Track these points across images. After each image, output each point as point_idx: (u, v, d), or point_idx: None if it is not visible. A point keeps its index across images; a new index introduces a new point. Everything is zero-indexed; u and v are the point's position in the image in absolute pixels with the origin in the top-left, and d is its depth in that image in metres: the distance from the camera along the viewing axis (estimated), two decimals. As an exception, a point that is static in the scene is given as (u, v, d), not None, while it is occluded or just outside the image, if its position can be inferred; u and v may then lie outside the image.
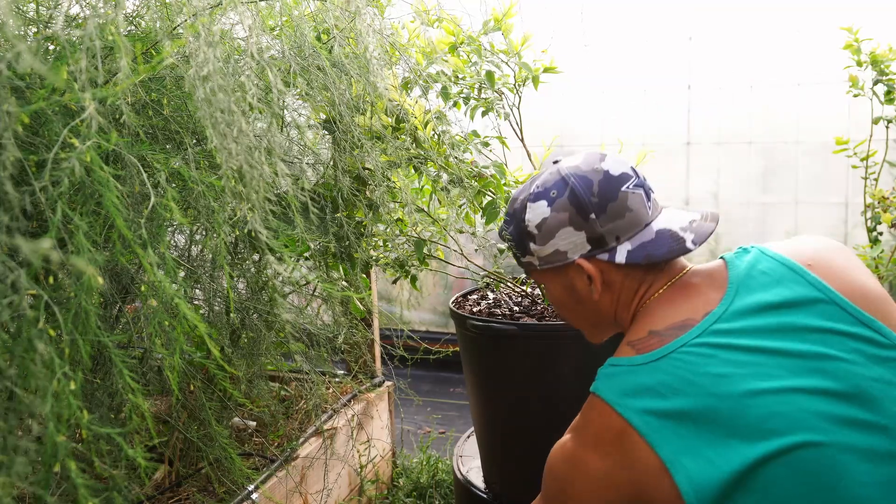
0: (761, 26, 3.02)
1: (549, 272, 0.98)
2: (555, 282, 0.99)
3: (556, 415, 1.33)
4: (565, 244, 0.93)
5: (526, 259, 0.99)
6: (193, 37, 0.80)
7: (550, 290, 1.01)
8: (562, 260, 0.94)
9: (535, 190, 0.97)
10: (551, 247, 0.94)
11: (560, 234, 0.93)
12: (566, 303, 1.00)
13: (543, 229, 0.94)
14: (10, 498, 0.66)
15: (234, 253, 1.32)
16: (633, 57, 3.27)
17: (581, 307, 0.99)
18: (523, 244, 0.98)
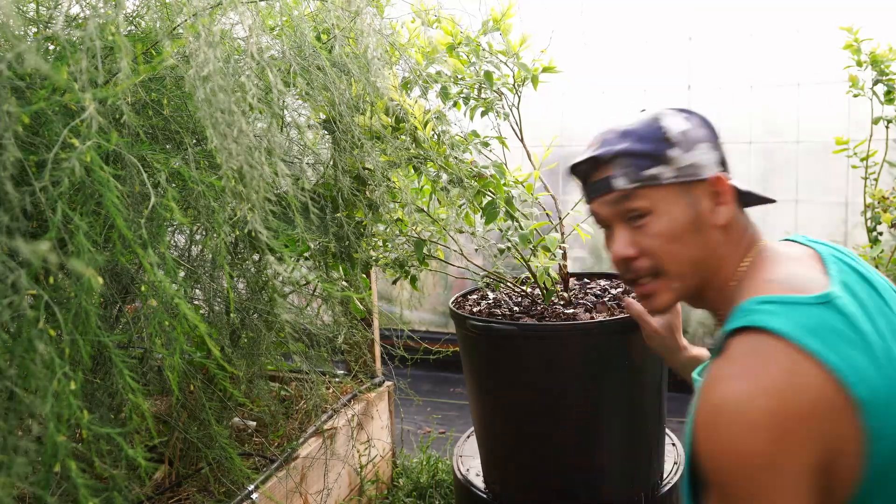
0: (761, 26, 3.02)
1: (675, 190, 0.90)
2: (678, 203, 0.91)
3: (556, 415, 1.33)
4: (704, 159, 0.91)
5: (654, 171, 0.90)
6: (193, 37, 0.80)
7: (670, 212, 0.91)
8: (697, 175, 0.90)
9: (660, 111, 0.95)
10: (691, 157, 0.90)
11: (699, 148, 0.91)
12: (681, 230, 0.91)
13: (686, 138, 0.91)
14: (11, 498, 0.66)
15: (234, 253, 1.32)
16: (632, 57, 3.27)
17: (694, 238, 0.91)
18: (657, 152, 0.90)
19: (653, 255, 0.92)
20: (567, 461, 1.34)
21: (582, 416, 1.32)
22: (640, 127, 0.93)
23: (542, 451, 1.36)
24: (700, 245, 0.91)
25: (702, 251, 0.92)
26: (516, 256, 1.46)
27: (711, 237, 0.91)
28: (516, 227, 1.41)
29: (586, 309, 1.41)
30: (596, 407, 1.32)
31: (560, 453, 1.34)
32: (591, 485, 1.35)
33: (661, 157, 0.90)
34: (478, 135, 1.46)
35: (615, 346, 1.30)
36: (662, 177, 0.90)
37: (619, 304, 1.43)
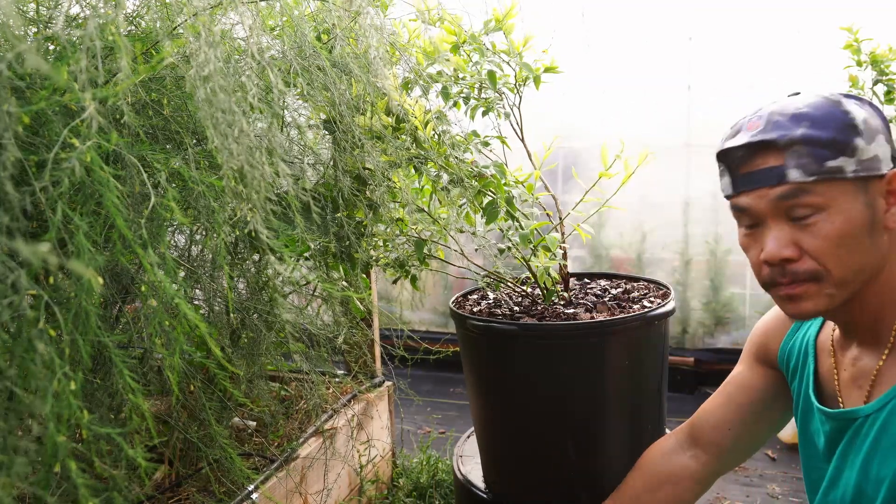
0: (761, 26, 3.02)
1: (854, 186, 0.80)
2: (856, 200, 0.80)
3: (556, 415, 1.33)
4: (882, 151, 0.80)
5: (837, 163, 0.79)
6: (194, 37, 0.80)
7: (846, 210, 0.80)
8: (877, 169, 0.80)
9: (831, 94, 0.83)
10: (873, 150, 0.80)
11: (878, 140, 0.81)
12: (855, 232, 0.81)
13: (868, 128, 0.80)
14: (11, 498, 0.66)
15: (234, 253, 1.32)
16: (633, 57, 3.27)
17: (865, 241, 0.81)
18: (843, 141, 0.80)
19: (818, 258, 0.82)
20: (567, 461, 1.34)
21: (582, 416, 1.32)
22: (817, 110, 0.81)
23: (542, 452, 1.36)
24: (869, 250, 0.82)
25: (869, 257, 0.82)
26: (517, 256, 1.46)
27: (881, 242, 0.82)
28: (517, 226, 1.41)
29: (587, 309, 1.41)
30: (596, 407, 1.32)
31: (560, 453, 1.34)
32: (592, 485, 1.35)
33: (847, 147, 0.79)
34: (478, 135, 1.46)
35: (615, 346, 1.30)
36: (846, 170, 0.79)
37: (619, 305, 1.43)
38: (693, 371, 3.29)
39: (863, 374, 0.89)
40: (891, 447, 0.80)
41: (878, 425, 0.83)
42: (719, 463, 1.17)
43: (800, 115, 0.82)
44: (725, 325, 3.39)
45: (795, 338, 1.04)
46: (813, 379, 0.98)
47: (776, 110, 0.84)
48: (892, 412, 0.81)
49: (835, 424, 0.90)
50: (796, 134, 0.80)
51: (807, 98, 0.84)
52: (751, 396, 1.12)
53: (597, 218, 3.47)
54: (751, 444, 1.16)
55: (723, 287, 3.37)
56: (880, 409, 0.83)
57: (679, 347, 3.43)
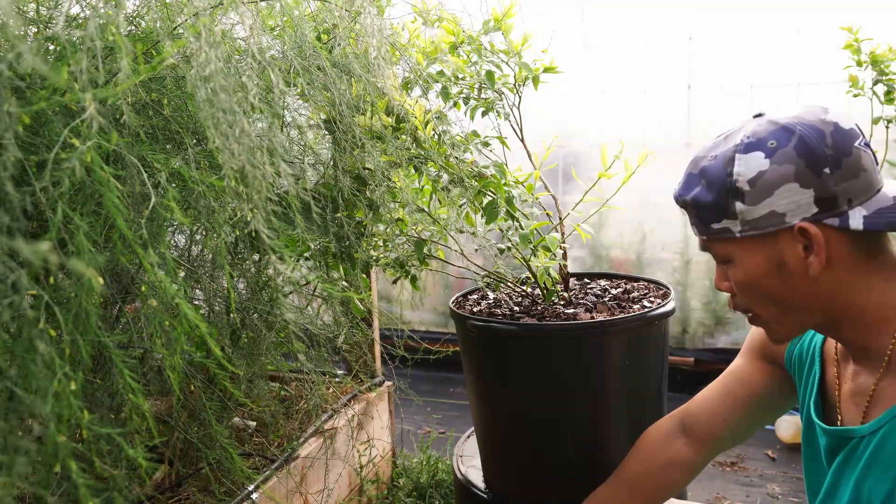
0: (761, 26, 3.02)
1: (751, 241, 0.82)
2: (755, 254, 0.82)
3: (556, 415, 1.33)
4: (785, 204, 0.78)
5: (721, 225, 0.83)
6: (194, 37, 0.80)
7: (745, 265, 0.84)
8: (776, 224, 0.80)
9: (745, 140, 0.82)
10: (765, 207, 0.79)
11: (780, 192, 0.78)
12: (763, 283, 0.83)
13: (758, 185, 0.79)
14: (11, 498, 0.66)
15: (235, 253, 1.32)
16: (633, 57, 3.27)
17: (784, 288, 0.83)
18: (723, 206, 0.82)
19: (742, 300, 0.88)
20: (567, 461, 1.34)
21: (582, 416, 1.32)
22: (714, 167, 0.84)
23: (542, 452, 1.36)
24: (795, 294, 0.83)
25: (799, 299, 0.83)
26: (517, 256, 1.46)
27: (816, 284, 0.81)
28: (517, 226, 1.41)
29: (587, 309, 1.41)
30: (596, 407, 1.32)
31: (560, 453, 1.34)
32: (592, 485, 1.35)
33: (727, 211, 0.82)
34: (478, 135, 1.46)
35: (615, 346, 1.30)
36: (732, 230, 0.83)
37: (619, 305, 1.43)
38: (693, 371, 3.29)
39: (860, 391, 0.89)
40: (883, 471, 0.80)
41: (871, 448, 0.83)
42: (712, 451, 1.18)
43: (703, 170, 0.85)
44: (725, 325, 3.39)
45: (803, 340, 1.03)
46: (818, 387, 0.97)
47: (699, 158, 0.88)
48: (885, 436, 0.81)
49: (832, 441, 0.91)
50: (688, 197, 0.86)
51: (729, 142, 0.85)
52: (750, 391, 1.12)
53: (597, 218, 3.47)
54: (744, 434, 1.17)
55: (723, 287, 3.36)
56: (874, 432, 0.83)
57: (679, 347, 3.43)
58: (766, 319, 0.88)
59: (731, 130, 0.87)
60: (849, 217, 0.78)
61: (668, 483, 1.19)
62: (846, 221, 0.78)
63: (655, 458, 1.21)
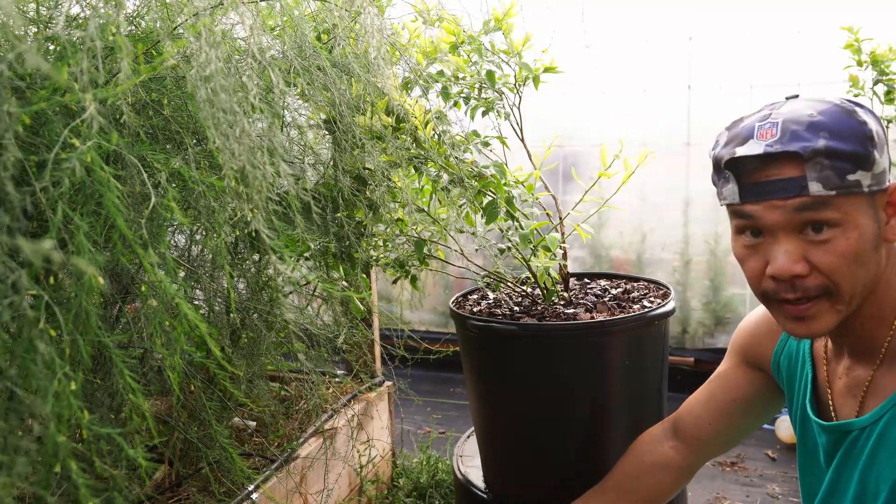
0: (761, 26, 3.02)
1: (867, 200, 0.78)
2: (867, 214, 0.78)
3: (556, 415, 1.33)
4: (887, 164, 0.79)
5: (856, 177, 0.76)
6: (194, 37, 0.80)
7: (860, 225, 0.78)
8: (884, 183, 0.78)
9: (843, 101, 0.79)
10: (884, 163, 0.78)
11: (885, 152, 0.78)
12: (867, 246, 0.79)
13: (878, 139, 0.77)
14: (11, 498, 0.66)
15: (235, 253, 1.32)
16: (633, 57, 3.27)
17: (871, 257, 0.79)
18: (863, 154, 0.76)
19: (830, 275, 0.79)
20: (567, 461, 1.34)
21: (582, 417, 1.32)
22: (833, 120, 0.77)
23: (542, 452, 1.36)
24: (873, 265, 0.80)
25: (872, 272, 0.80)
26: (517, 256, 1.46)
27: (881, 257, 0.81)
28: (517, 226, 1.41)
29: (587, 309, 1.41)
30: (596, 407, 1.32)
31: (560, 453, 1.34)
32: (592, 485, 1.35)
33: (866, 161, 0.76)
34: (478, 135, 1.46)
35: (615, 346, 1.30)
36: (863, 184, 0.77)
37: (619, 305, 1.43)
38: (693, 371, 3.29)
39: (856, 384, 0.89)
40: (888, 458, 0.80)
41: (874, 437, 0.83)
42: (698, 455, 1.18)
43: (817, 123, 0.77)
44: (725, 325, 3.39)
45: (789, 345, 1.02)
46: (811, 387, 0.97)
47: (790, 118, 0.79)
48: (887, 424, 0.81)
49: (831, 437, 0.90)
50: (819, 145, 0.76)
51: (818, 105, 0.80)
52: (733, 395, 1.12)
53: (597, 218, 3.47)
54: (732, 438, 1.17)
55: (723, 287, 3.37)
56: (876, 422, 0.83)
57: (679, 347, 3.43)
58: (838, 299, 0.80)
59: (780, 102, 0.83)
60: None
61: (657, 485, 1.19)
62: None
63: (643, 460, 1.22)
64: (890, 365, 0.83)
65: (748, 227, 0.84)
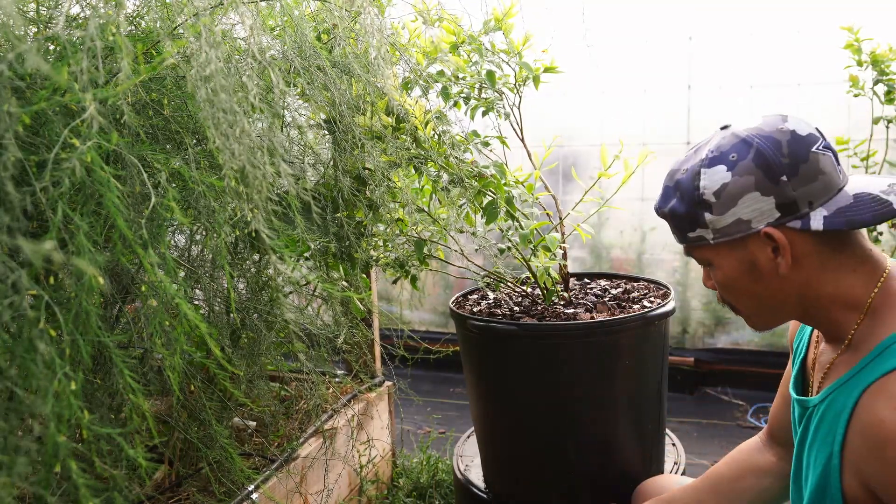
0: (761, 26, 3.02)
1: (725, 246, 0.89)
2: (729, 258, 0.90)
3: (556, 415, 1.33)
4: (749, 212, 0.85)
5: (696, 233, 0.90)
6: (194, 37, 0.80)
7: (722, 267, 0.91)
8: (743, 231, 0.86)
9: (710, 155, 0.88)
10: (732, 216, 0.86)
11: (743, 201, 0.85)
12: (739, 282, 0.91)
13: (723, 196, 0.86)
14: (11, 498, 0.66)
15: (234, 253, 1.32)
16: (633, 57, 3.27)
17: (759, 286, 0.90)
18: (695, 216, 0.89)
19: (723, 296, 0.96)
20: (567, 461, 1.34)
21: (582, 416, 1.32)
22: (685, 180, 0.91)
23: (542, 452, 1.36)
24: (769, 291, 0.89)
25: (774, 296, 0.90)
26: (517, 256, 1.46)
27: (786, 281, 0.88)
28: (517, 226, 1.41)
29: (587, 309, 1.41)
30: (596, 407, 1.32)
31: (560, 453, 1.34)
32: (592, 485, 1.35)
33: (698, 222, 0.89)
34: (478, 135, 1.46)
35: (615, 346, 1.30)
36: (705, 238, 0.90)
37: (619, 305, 1.43)
38: (693, 371, 3.29)
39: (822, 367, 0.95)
40: (824, 437, 0.86)
41: (818, 416, 0.89)
42: None
43: (676, 184, 0.92)
44: (725, 325, 3.39)
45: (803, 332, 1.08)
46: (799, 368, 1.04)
47: (673, 171, 0.95)
48: (829, 404, 0.87)
49: (797, 411, 0.98)
50: (666, 208, 0.94)
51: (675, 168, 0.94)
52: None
53: (597, 218, 3.47)
54: None
55: (723, 287, 3.37)
56: (822, 401, 0.89)
57: (679, 347, 3.43)
58: (745, 312, 0.96)
59: (701, 143, 0.93)
60: (810, 219, 0.84)
61: (756, 490, 1.17)
62: (808, 223, 0.84)
63: (742, 464, 1.20)
64: (850, 352, 0.88)
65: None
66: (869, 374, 0.81)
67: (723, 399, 3.12)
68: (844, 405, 0.83)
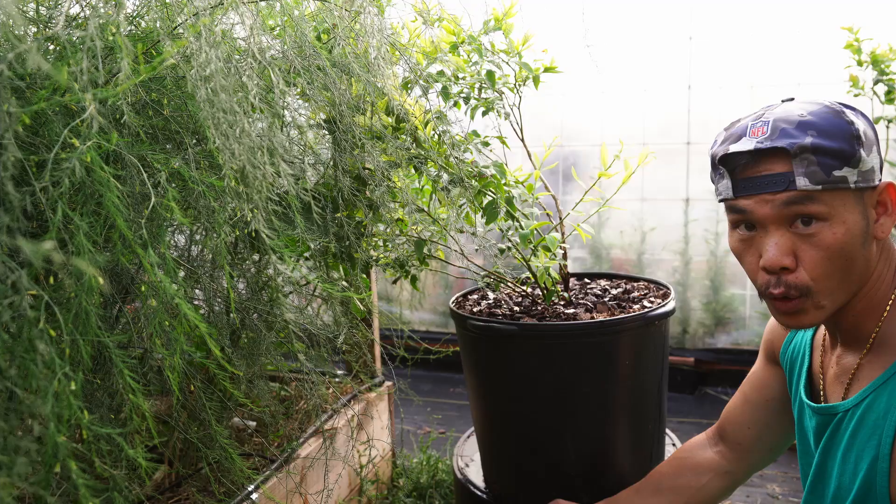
0: (761, 26, 3.02)
1: (854, 196, 0.81)
2: (855, 210, 0.81)
3: (556, 415, 1.33)
4: (877, 163, 0.82)
5: (842, 172, 0.80)
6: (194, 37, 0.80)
7: (847, 220, 0.81)
8: (873, 180, 0.82)
9: (833, 103, 0.83)
10: (872, 160, 0.81)
11: (874, 152, 0.82)
12: (853, 243, 0.82)
13: (867, 138, 0.81)
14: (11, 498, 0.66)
15: (234, 253, 1.32)
16: (633, 57, 3.27)
17: (860, 252, 0.83)
18: (849, 151, 0.80)
19: (812, 271, 0.83)
20: (567, 461, 1.34)
21: (583, 417, 1.32)
22: (822, 119, 0.82)
23: (542, 452, 1.36)
24: (861, 261, 0.83)
25: (861, 267, 0.84)
26: (517, 256, 1.46)
27: (871, 252, 0.84)
28: (517, 226, 1.41)
29: (587, 309, 1.41)
30: (596, 407, 1.32)
31: (560, 453, 1.34)
32: (592, 485, 1.35)
33: (852, 158, 0.80)
34: (478, 134, 1.46)
35: (615, 347, 1.30)
36: (849, 180, 0.80)
37: (619, 305, 1.43)
38: (693, 371, 3.29)
39: (844, 371, 0.92)
40: (866, 440, 0.84)
41: (855, 420, 0.86)
42: (744, 461, 1.17)
43: (806, 122, 0.81)
44: (725, 325, 3.39)
45: (796, 337, 1.06)
46: (805, 376, 1.01)
47: (781, 117, 0.83)
48: (868, 407, 0.84)
49: (819, 419, 0.94)
50: (805, 142, 0.80)
51: (809, 106, 0.84)
52: (765, 394, 1.13)
53: (597, 218, 3.47)
54: (776, 442, 1.16)
55: (723, 287, 3.37)
56: (857, 405, 0.86)
57: (679, 347, 3.43)
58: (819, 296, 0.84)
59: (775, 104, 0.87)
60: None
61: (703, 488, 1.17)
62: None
63: (683, 462, 1.21)
64: (877, 353, 0.87)
65: (742, 221, 0.88)
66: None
67: (723, 399, 3.12)
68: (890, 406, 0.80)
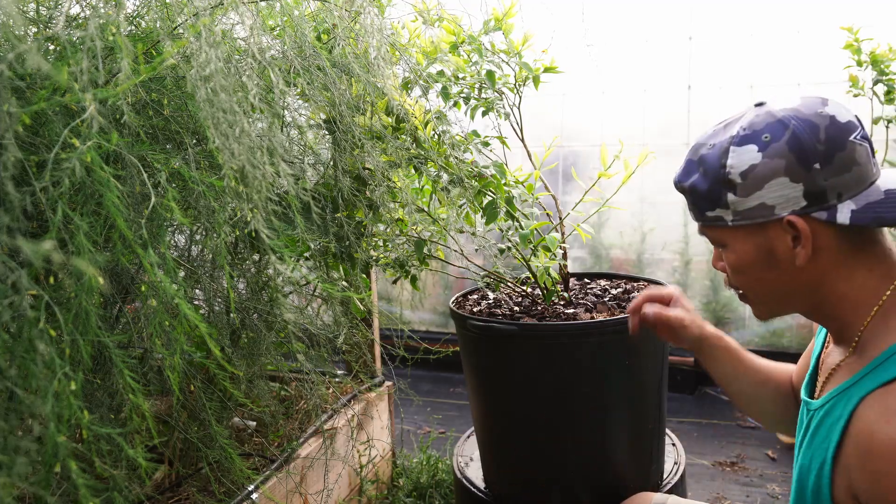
0: (761, 26, 3.02)
1: (742, 230, 0.86)
2: (745, 242, 0.86)
3: (556, 415, 1.33)
4: (774, 197, 0.81)
5: (714, 213, 0.87)
6: (194, 37, 0.80)
7: (736, 250, 0.88)
8: (766, 216, 0.83)
9: (741, 132, 0.84)
10: (755, 199, 0.82)
11: (770, 186, 0.81)
12: (752, 268, 0.87)
13: (750, 178, 0.82)
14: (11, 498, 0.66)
15: (234, 253, 1.32)
16: (633, 57, 3.27)
17: (771, 275, 0.87)
18: (717, 195, 0.85)
19: (731, 279, 0.93)
20: (567, 461, 1.34)
21: (582, 417, 1.32)
22: (711, 156, 0.86)
23: (542, 451, 1.36)
24: (782, 281, 0.86)
25: (785, 286, 0.87)
26: (517, 256, 1.46)
27: (801, 273, 0.85)
28: (517, 226, 1.41)
29: (587, 309, 1.41)
30: (596, 407, 1.32)
31: (560, 453, 1.34)
32: (592, 485, 1.35)
33: (719, 201, 0.85)
34: (478, 135, 1.46)
35: (615, 346, 1.30)
36: (724, 219, 0.86)
37: (619, 305, 1.43)
38: (693, 371, 3.29)
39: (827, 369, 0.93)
40: (820, 443, 0.85)
41: (817, 421, 0.87)
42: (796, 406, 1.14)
43: (702, 158, 0.88)
44: (725, 325, 3.39)
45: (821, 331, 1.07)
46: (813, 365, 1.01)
47: (703, 142, 0.90)
48: (828, 411, 0.85)
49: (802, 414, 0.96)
50: (686, 184, 0.90)
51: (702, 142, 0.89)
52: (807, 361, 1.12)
53: (597, 218, 3.47)
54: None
55: (723, 287, 3.37)
56: (822, 406, 0.88)
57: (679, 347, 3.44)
58: (752, 299, 0.93)
59: (732, 118, 0.89)
60: (837, 211, 0.80)
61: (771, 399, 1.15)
62: (834, 216, 0.80)
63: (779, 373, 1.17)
64: (858, 355, 0.86)
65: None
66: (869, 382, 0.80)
67: (723, 399, 3.11)
68: (842, 413, 0.82)
